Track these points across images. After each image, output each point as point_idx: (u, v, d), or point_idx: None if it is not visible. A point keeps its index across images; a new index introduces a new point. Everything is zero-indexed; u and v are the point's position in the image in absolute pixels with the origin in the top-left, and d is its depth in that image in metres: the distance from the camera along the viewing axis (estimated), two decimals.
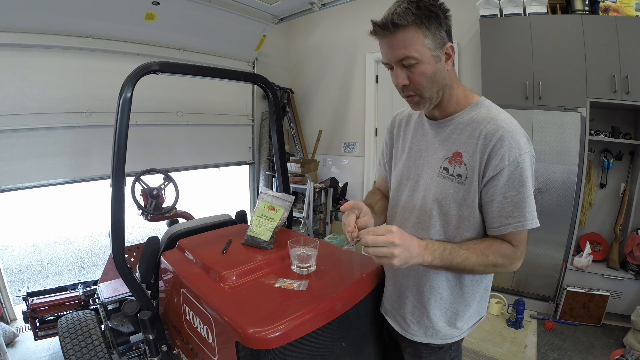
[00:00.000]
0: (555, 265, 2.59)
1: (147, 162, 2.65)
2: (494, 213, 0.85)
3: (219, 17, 2.98)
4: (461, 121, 0.90)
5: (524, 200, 0.82)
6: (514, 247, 0.86)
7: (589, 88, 2.39)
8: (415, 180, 0.98)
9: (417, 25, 0.79)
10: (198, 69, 1.64)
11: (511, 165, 0.80)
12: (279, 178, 1.87)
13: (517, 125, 0.84)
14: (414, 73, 0.84)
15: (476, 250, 0.85)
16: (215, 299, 0.97)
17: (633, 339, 2.12)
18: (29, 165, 2.44)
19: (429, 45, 0.81)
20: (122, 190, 1.31)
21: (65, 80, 2.54)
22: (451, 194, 0.88)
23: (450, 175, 0.89)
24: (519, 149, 0.80)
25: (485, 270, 0.88)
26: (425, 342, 0.99)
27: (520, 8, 2.57)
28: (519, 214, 0.82)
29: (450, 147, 0.90)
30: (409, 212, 0.99)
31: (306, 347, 0.89)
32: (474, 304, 0.98)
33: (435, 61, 0.83)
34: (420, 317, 0.98)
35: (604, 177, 2.70)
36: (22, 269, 3.92)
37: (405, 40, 0.80)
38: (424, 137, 0.99)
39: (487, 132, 0.83)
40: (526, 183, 0.81)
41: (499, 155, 0.81)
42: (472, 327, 1.01)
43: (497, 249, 0.86)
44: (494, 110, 0.88)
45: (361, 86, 3.80)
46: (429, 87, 0.86)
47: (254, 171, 4.14)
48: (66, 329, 1.70)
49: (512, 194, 0.82)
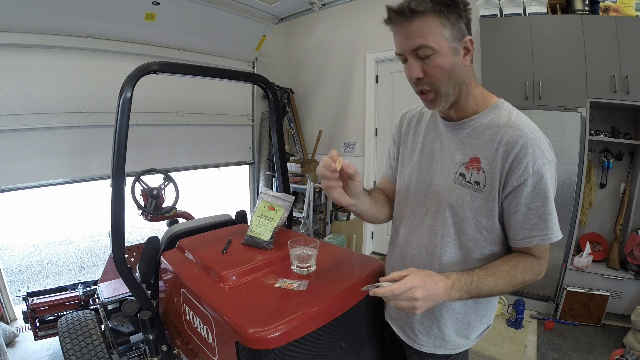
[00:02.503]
0: (555, 265, 2.59)
1: (147, 162, 2.65)
2: (517, 225, 0.81)
3: (219, 17, 2.98)
4: (480, 124, 0.84)
5: (549, 212, 0.78)
6: (538, 259, 0.82)
7: (589, 88, 2.39)
8: (427, 184, 0.92)
9: (435, 12, 0.74)
10: (198, 69, 1.64)
11: (536, 175, 0.76)
12: (279, 178, 1.87)
13: (540, 132, 0.80)
14: (430, 65, 0.77)
15: (503, 274, 0.80)
16: (215, 299, 0.97)
17: (633, 339, 2.12)
18: (29, 165, 2.44)
19: (447, 35, 0.75)
20: (122, 190, 1.31)
21: (65, 80, 2.53)
22: (467, 202, 0.83)
23: (467, 182, 0.83)
24: (543, 157, 0.76)
25: (515, 289, 0.83)
26: (433, 352, 0.95)
27: (520, 8, 2.57)
28: (544, 227, 0.78)
29: (468, 152, 0.84)
30: (420, 218, 0.94)
31: (306, 347, 0.89)
32: (487, 316, 0.95)
33: (453, 54, 0.77)
34: (429, 327, 0.94)
35: (604, 177, 2.70)
36: (22, 269, 3.92)
37: (422, 28, 0.75)
38: (437, 138, 0.93)
39: (509, 139, 0.77)
40: (550, 194, 0.78)
41: (523, 164, 0.76)
42: (480, 336, 0.98)
43: (523, 267, 0.81)
44: (514, 114, 0.82)
45: (361, 86, 3.80)
46: (445, 82, 0.79)
47: (254, 171, 4.14)
48: (66, 329, 1.70)
49: (537, 205, 0.78)
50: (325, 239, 3.35)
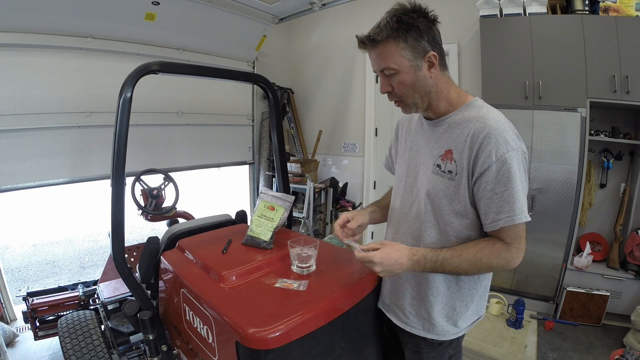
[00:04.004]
0: (555, 265, 2.59)
1: (147, 162, 2.65)
2: (486, 209, 0.88)
3: (219, 17, 2.98)
4: (454, 120, 0.94)
5: (513, 196, 0.84)
6: (507, 244, 0.88)
7: (589, 88, 2.39)
8: (414, 178, 1.03)
9: (393, 38, 0.85)
10: (198, 69, 1.64)
11: (499, 161, 0.83)
12: (279, 178, 1.87)
13: (506, 123, 0.87)
14: (395, 82, 0.91)
15: (469, 256, 0.88)
16: (215, 299, 0.97)
17: (633, 339, 2.12)
18: (29, 165, 2.44)
19: (407, 56, 0.87)
20: (122, 190, 1.31)
21: (65, 80, 2.53)
22: (442, 189, 0.93)
23: (442, 172, 0.93)
24: (506, 145, 0.83)
25: (482, 272, 0.93)
26: (423, 335, 1.01)
27: (520, 8, 2.57)
28: (508, 209, 0.84)
29: (443, 145, 0.94)
30: (408, 207, 1.04)
31: (306, 347, 0.89)
32: (473, 303, 1.00)
33: (414, 70, 0.89)
34: (418, 308, 1.01)
35: (604, 177, 2.70)
36: (22, 269, 3.92)
37: (383, 53, 0.88)
38: (423, 136, 1.03)
39: (475, 131, 0.86)
40: (514, 178, 0.83)
41: (486, 152, 0.84)
42: (470, 326, 1.03)
43: (490, 251, 0.88)
44: (484, 109, 0.91)
45: (361, 86, 3.80)
46: (410, 94, 0.92)
47: (254, 171, 4.13)
48: (66, 329, 1.70)
49: (501, 189, 0.84)
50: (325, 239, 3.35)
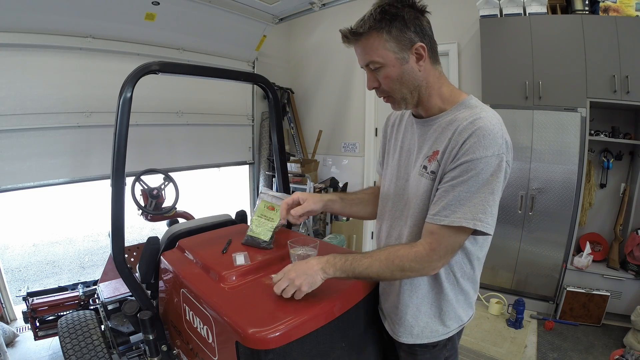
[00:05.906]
0: (555, 265, 2.59)
1: (147, 162, 2.65)
2: (436, 200, 0.83)
3: (219, 17, 2.98)
4: (444, 121, 0.88)
5: (470, 199, 0.78)
6: (429, 250, 0.82)
7: (589, 88, 2.40)
8: (405, 179, 0.98)
9: (376, 30, 0.81)
10: (198, 69, 1.64)
11: (472, 162, 0.77)
12: (279, 178, 1.87)
13: (497, 126, 0.79)
14: (381, 76, 0.86)
15: (380, 257, 0.85)
16: (215, 299, 0.97)
17: (633, 339, 2.12)
18: (29, 165, 2.44)
19: (391, 48, 0.82)
20: (122, 190, 1.31)
21: (65, 80, 2.53)
22: (426, 191, 0.88)
23: (426, 173, 0.89)
24: (484, 150, 0.77)
25: (394, 275, 0.85)
26: (412, 342, 0.98)
27: (520, 8, 2.57)
28: (457, 209, 0.78)
29: (431, 146, 0.89)
30: (399, 211, 0.99)
31: (306, 347, 0.89)
32: (459, 304, 0.96)
33: (400, 63, 0.84)
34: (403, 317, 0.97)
35: (604, 177, 2.70)
36: (22, 269, 3.92)
37: (367, 46, 0.84)
38: (413, 136, 0.98)
39: (460, 130, 0.81)
40: (479, 182, 0.77)
41: (463, 150, 0.79)
42: (460, 327, 0.99)
43: (405, 253, 0.83)
44: (477, 109, 0.84)
45: (361, 86, 3.79)
46: (398, 89, 0.87)
47: (254, 171, 4.13)
48: (66, 329, 1.70)
49: (461, 190, 0.79)
50: (325, 239, 3.35)
